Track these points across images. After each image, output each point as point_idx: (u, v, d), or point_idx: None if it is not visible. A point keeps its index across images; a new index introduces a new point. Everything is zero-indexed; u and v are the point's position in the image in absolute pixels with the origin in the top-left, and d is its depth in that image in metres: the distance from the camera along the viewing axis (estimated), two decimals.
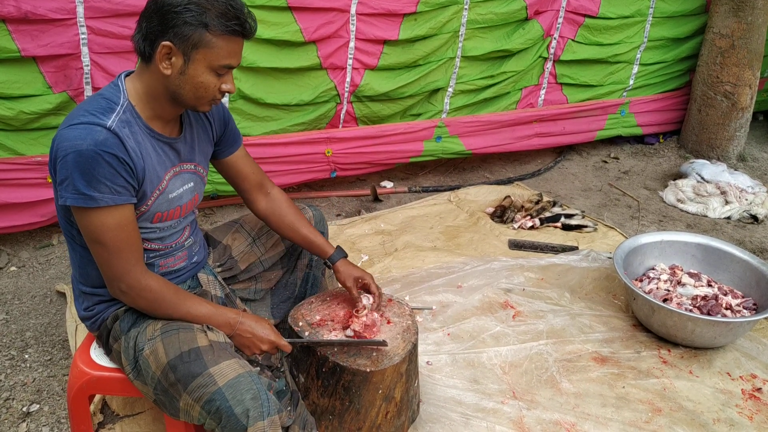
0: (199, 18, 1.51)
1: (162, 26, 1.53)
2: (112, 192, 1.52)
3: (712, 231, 3.59)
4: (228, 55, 1.58)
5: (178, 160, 1.74)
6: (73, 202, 1.50)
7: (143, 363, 1.63)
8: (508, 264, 2.98)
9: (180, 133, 1.75)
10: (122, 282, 1.59)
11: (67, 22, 2.79)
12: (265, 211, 2.02)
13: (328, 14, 3.35)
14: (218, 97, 1.65)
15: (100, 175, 1.49)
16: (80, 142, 1.48)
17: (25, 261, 3.00)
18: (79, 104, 1.61)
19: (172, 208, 1.73)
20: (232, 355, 1.61)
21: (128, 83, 1.63)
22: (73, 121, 1.52)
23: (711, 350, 2.49)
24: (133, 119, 1.59)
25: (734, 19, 4.21)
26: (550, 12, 3.98)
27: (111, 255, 1.56)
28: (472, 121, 3.95)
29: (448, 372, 2.31)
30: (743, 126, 4.49)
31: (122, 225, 1.56)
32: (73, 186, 1.49)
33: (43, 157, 2.90)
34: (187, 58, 1.55)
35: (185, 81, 1.58)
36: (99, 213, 1.52)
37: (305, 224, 2.03)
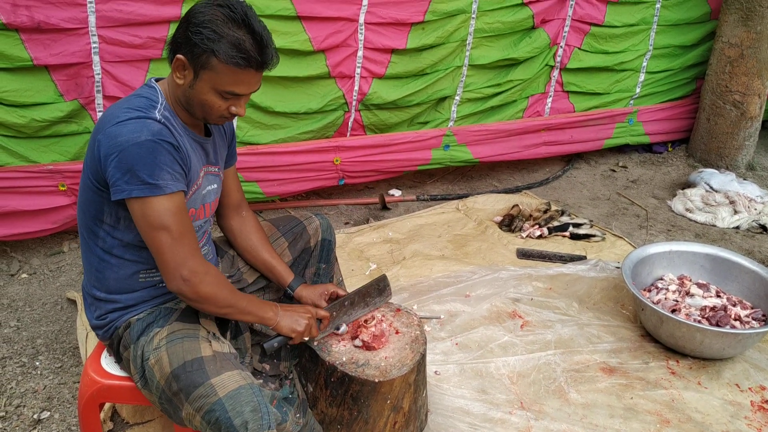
0: (208, 44, 1.55)
1: (183, 39, 1.59)
2: (174, 179, 1.57)
3: (721, 241, 3.58)
4: (233, 83, 1.60)
5: (207, 160, 1.80)
6: (139, 193, 1.52)
7: (149, 372, 1.65)
8: (516, 273, 2.98)
9: (209, 136, 1.81)
10: (185, 267, 1.58)
11: (79, 32, 2.83)
12: (232, 229, 2.03)
13: (337, 24, 3.37)
14: (227, 116, 1.69)
15: (162, 163, 1.54)
16: (137, 134, 1.52)
17: (36, 268, 3.02)
18: (115, 104, 1.64)
19: (200, 206, 1.78)
20: (235, 366, 1.62)
21: (161, 86, 1.70)
22: (120, 117, 1.56)
23: (720, 361, 2.48)
24: (171, 116, 1.66)
25: (743, 28, 4.21)
26: (556, 21, 3.99)
27: (175, 240, 1.57)
28: (479, 129, 3.96)
29: (456, 382, 2.31)
30: (752, 135, 4.48)
31: (182, 210, 1.59)
32: (137, 177, 1.52)
33: (55, 165, 2.93)
34: (196, 75, 1.60)
35: (193, 95, 1.64)
36: (162, 200, 1.55)
37: (268, 249, 2.02)
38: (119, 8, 2.85)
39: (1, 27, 2.67)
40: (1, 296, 2.81)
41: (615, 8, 4.13)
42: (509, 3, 3.77)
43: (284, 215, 2.20)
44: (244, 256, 2.04)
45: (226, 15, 1.57)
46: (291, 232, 2.12)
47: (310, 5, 3.24)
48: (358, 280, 2.94)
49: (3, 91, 2.77)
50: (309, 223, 2.14)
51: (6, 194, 2.88)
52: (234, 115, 1.69)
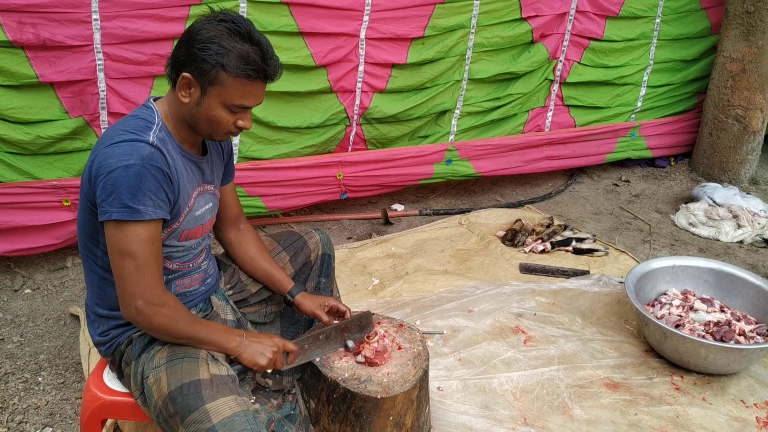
0: (217, 58, 1.57)
1: (187, 57, 1.60)
2: (155, 206, 1.57)
3: (725, 255, 3.58)
4: (242, 96, 1.63)
5: (203, 180, 1.80)
6: (118, 216, 1.53)
7: (148, 391, 1.65)
8: (519, 288, 2.97)
9: (204, 155, 1.81)
10: (141, 298, 1.57)
11: (84, 49, 2.85)
12: (231, 241, 2.04)
13: (339, 39, 3.40)
14: (234, 131, 1.70)
15: (146, 188, 1.54)
16: (126, 157, 1.53)
17: (39, 283, 3.03)
18: (113, 125, 1.65)
19: (196, 227, 1.78)
20: (232, 391, 1.60)
21: (159, 105, 1.70)
22: (114, 139, 1.56)
23: (724, 377, 2.47)
24: (167, 138, 1.66)
25: (745, 43, 4.22)
26: (555, 35, 4.01)
27: (137, 269, 1.57)
28: (482, 144, 3.97)
29: (459, 398, 2.30)
30: (755, 149, 4.49)
31: (153, 239, 1.59)
32: (118, 200, 1.52)
33: (59, 181, 2.94)
34: (204, 91, 1.61)
35: (200, 112, 1.64)
36: (137, 226, 1.55)
37: (268, 259, 2.03)
38: (124, 25, 2.87)
39: (7, 44, 2.69)
40: (5, 311, 2.81)
41: (614, 23, 4.15)
42: (508, 18, 3.79)
43: (285, 230, 2.21)
44: (243, 267, 2.04)
45: (231, 29, 1.59)
46: (292, 246, 2.13)
47: (312, 21, 3.27)
48: (361, 296, 2.94)
49: (8, 108, 2.79)
50: (309, 238, 2.15)
51: (10, 210, 2.89)
52: (240, 129, 1.70)
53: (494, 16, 3.75)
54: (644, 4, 4.17)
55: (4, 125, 2.81)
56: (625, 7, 4.11)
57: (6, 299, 2.90)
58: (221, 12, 1.63)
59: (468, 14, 3.67)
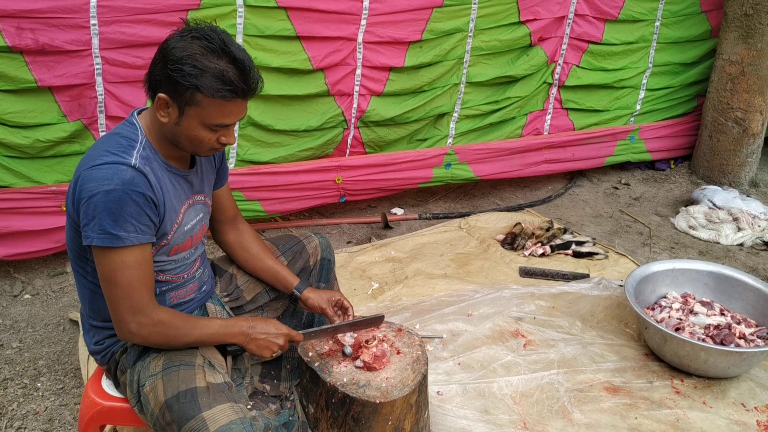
0: (191, 80, 1.51)
1: (162, 77, 1.54)
2: (137, 231, 1.54)
3: (725, 258, 3.57)
4: (221, 116, 1.58)
5: (192, 191, 1.78)
6: (99, 242, 1.51)
7: (144, 399, 1.64)
8: (519, 292, 2.97)
9: (192, 166, 1.78)
10: (133, 322, 1.58)
11: (83, 53, 2.85)
12: (232, 243, 2.03)
13: (336, 43, 3.40)
14: (218, 147, 1.67)
15: (127, 214, 1.51)
16: (107, 182, 1.50)
17: (39, 289, 3.02)
18: (96, 143, 1.63)
19: (185, 240, 1.76)
20: (229, 398, 1.60)
21: (143, 120, 1.66)
22: (96, 161, 1.53)
23: (725, 380, 2.46)
24: (152, 155, 1.62)
25: (744, 45, 4.22)
26: (554, 38, 4.01)
27: (125, 295, 1.56)
28: (481, 148, 3.97)
29: (459, 402, 2.29)
30: (755, 152, 4.48)
31: (140, 263, 1.57)
32: (99, 226, 1.50)
33: (58, 185, 2.94)
34: (181, 111, 1.57)
35: (180, 132, 1.61)
36: (121, 252, 1.53)
37: (270, 256, 2.03)
38: (122, 30, 2.87)
39: (6, 49, 2.70)
40: (4, 317, 2.81)
41: (613, 26, 4.15)
42: (506, 21, 3.79)
43: (283, 234, 2.20)
44: (246, 267, 2.03)
45: (204, 47, 1.53)
46: (291, 250, 2.12)
47: (310, 25, 3.27)
48: (360, 300, 2.93)
49: (7, 113, 2.79)
50: (308, 242, 2.14)
51: (9, 215, 2.89)
52: (224, 145, 1.67)
53: (492, 19, 3.75)
54: (643, 7, 4.17)
55: (3, 129, 2.81)
56: (625, 11, 4.11)
57: (5, 305, 2.89)
58: (195, 27, 1.56)
59: (466, 18, 3.67)
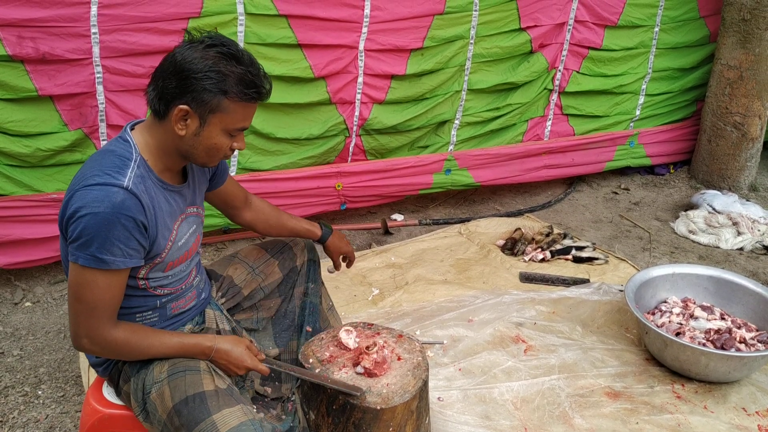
0: (218, 86, 1.54)
1: (180, 89, 1.54)
2: (124, 255, 1.53)
3: (725, 262, 3.57)
4: (243, 119, 1.62)
5: (185, 205, 1.77)
6: (84, 263, 1.50)
7: (150, 406, 1.64)
8: (519, 297, 2.97)
9: (185, 180, 1.79)
10: (86, 337, 1.58)
11: (83, 62, 2.86)
12: (251, 219, 2.14)
13: (337, 51, 3.41)
14: (229, 155, 1.69)
15: (115, 238, 1.50)
16: (97, 204, 1.48)
17: (39, 296, 3.03)
18: (90, 161, 1.60)
19: (180, 255, 1.76)
20: (237, 401, 1.61)
21: (137, 136, 1.64)
22: (89, 181, 1.51)
23: (726, 385, 2.46)
24: (146, 173, 1.61)
25: (742, 50, 4.24)
26: (554, 45, 4.03)
27: (86, 313, 1.55)
28: (480, 154, 3.98)
29: (460, 408, 2.29)
30: (754, 156, 4.49)
31: (111, 286, 1.56)
32: (86, 247, 1.49)
33: (59, 194, 2.94)
34: (203, 121, 1.58)
35: (199, 142, 1.61)
36: (97, 274, 1.52)
37: (288, 218, 2.20)
38: (123, 39, 2.89)
39: (7, 59, 2.71)
40: (5, 325, 2.81)
41: (613, 32, 4.16)
42: (507, 28, 3.80)
43: (272, 239, 2.23)
44: (271, 234, 2.20)
45: (221, 53, 1.55)
46: (279, 252, 2.16)
47: (311, 33, 3.28)
48: (361, 306, 2.94)
49: (8, 122, 2.80)
50: (294, 244, 2.19)
51: (10, 223, 2.90)
52: (233, 152, 1.69)
53: (493, 26, 3.76)
54: (643, 13, 4.18)
55: (4, 138, 2.82)
56: (624, 17, 4.13)
57: (6, 312, 2.90)
58: (205, 36, 1.58)
59: (467, 25, 3.68)
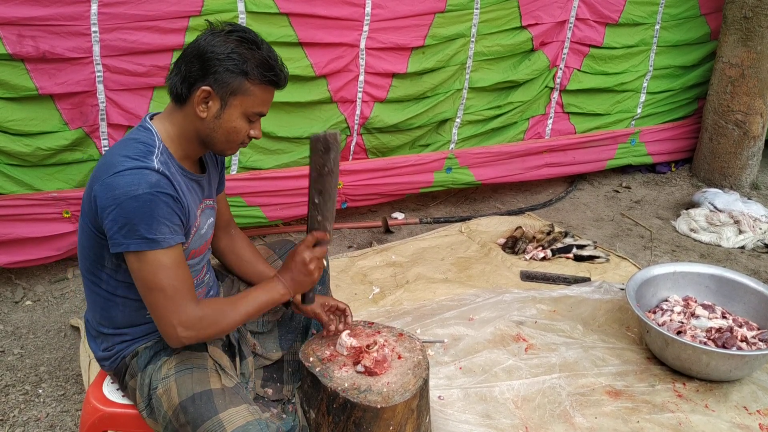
0: (240, 66, 1.57)
1: (203, 71, 1.58)
2: (171, 232, 1.55)
3: (726, 261, 3.56)
4: (262, 103, 1.64)
5: (203, 196, 1.79)
6: (137, 248, 1.50)
7: (156, 401, 1.64)
8: (520, 296, 2.97)
9: (203, 171, 1.81)
10: (180, 326, 1.55)
11: (84, 61, 2.86)
12: (224, 248, 2.05)
13: (338, 49, 3.40)
14: (246, 142, 1.71)
15: (161, 216, 1.51)
16: (135, 187, 1.49)
17: (40, 295, 3.03)
18: (112, 150, 1.61)
19: (201, 244, 1.78)
20: (244, 400, 1.61)
21: (157, 125, 1.66)
22: (117, 168, 1.52)
23: (727, 383, 2.45)
24: (169, 160, 1.63)
25: (743, 48, 4.23)
26: (555, 43, 4.02)
27: (169, 299, 1.54)
28: (481, 152, 3.98)
29: (460, 407, 2.29)
30: (756, 154, 4.48)
31: (178, 263, 1.57)
32: (135, 232, 1.49)
33: (59, 192, 2.94)
34: (224, 103, 1.61)
35: (219, 125, 1.63)
36: (159, 254, 1.53)
37: (262, 261, 2.06)
38: (123, 37, 2.88)
39: (7, 57, 2.71)
40: (6, 323, 2.81)
41: (614, 30, 4.16)
42: (508, 26, 3.80)
43: (280, 239, 2.23)
44: (238, 272, 2.06)
45: (243, 38, 1.60)
46: (286, 253, 2.15)
47: (312, 32, 3.28)
48: (361, 304, 2.94)
49: (8, 121, 2.80)
50: None
51: (11, 222, 2.90)
52: (251, 139, 1.70)
53: (494, 24, 3.76)
54: (643, 10, 4.18)
55: (4, 137, 2.82)
56: (625, 14, 4.12)
57: (6, 311, 2.90)
58: (225, 24, 1.63)
59: (468, 23, 3.68)
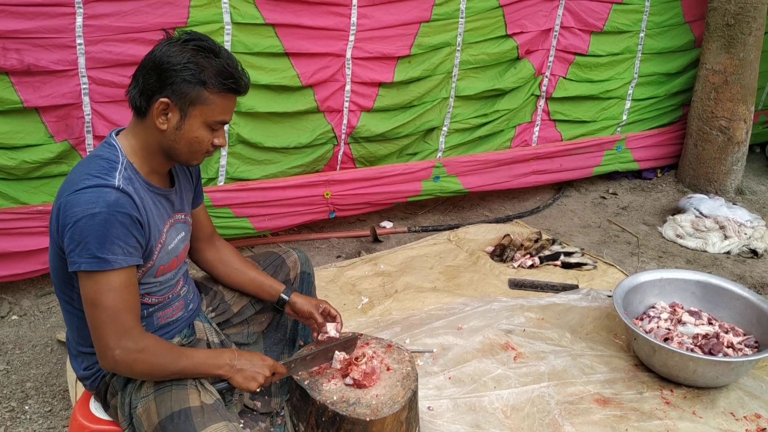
0: (197, 76, 1.56)
1: (160, 83, 1.57)
2: (124, 253, 1.53)
3: (712, 266, 3.59)
4: (223, 111, 1.63)
5: (173, 211, 1.78)
6: (87, 267, 1.49)
7: (137, 421, 1.63)
8: (509, 304, 2.98)
9: (172, 185, 1.79)
10: (118, 348, 1.53)
11: (69, 73, 2.84)
12: (211, 260, 2.04)
13: (325, 59, 3.41)
14: (211, 151, 1.70)
15: (114, 236, 1.50)
16: (92, 205, 1.48)
17: (26, 309, 3.00)
18: (76, 167, 1.62)
19: (170, 260, 1.76)
20: (223, 417, 1.60)
21: (122, 140, 1.65)
22: (78, 185, 1.51)
23: (714, 389, 2.47)
24: (134, 176, 1.62)
25: (726, 55, 4.28)
26: (540, 51, 4.05)
27: (111, 319, 1.53)
28: (469, 160, 3.99)
29: (450, 417, 2.29)
30: (740, 160, 4.53)
31: (127, 286, 1.55)
32: (86, 250, 1.48)
33: (45, 206, 2.92)
34: (184, 114, 1.60)
35: (180, 136, 1.62)
36: (107, 275, 1.51)
37: (252, 268, 2.06)
38: (108, 49, 2.87)
39: None
40: None
41: (599, 38, 4.19)
42: (493, 35, 3.82)
43: (264, 251, 2.23)
44: (229, 281, 2.04)
45: (199, 47, 1.59)
46: (271, 265, 2.15)
47: (298, 42, 3.28)
48: (350, 315, 2.93)
49: None
50: (288, 257, 2.18)
51: None
52: (216, 148, 1.69)
53: (480, 33, 3.78)
54: (628, 18, 4.22)
55: None
56: (609, 22, 4.16)
57: None
58: (183, 33, 1.62)
59: (453, 32, 3.70)
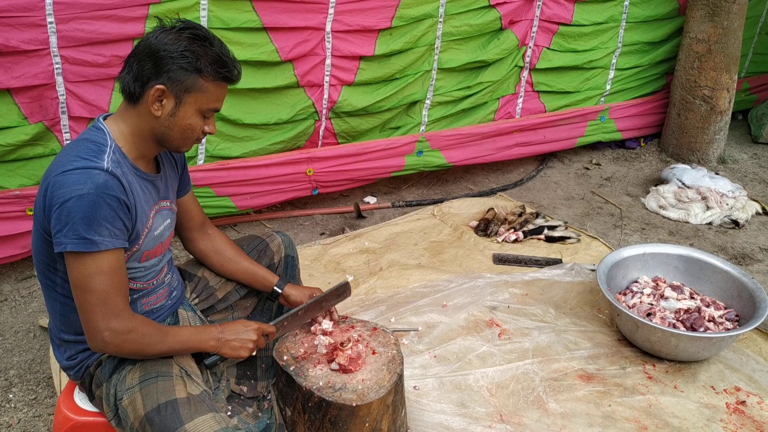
0: (194, 64, 1.58)
1: (156, 70, 1.58)
2: (111, 235, 1.53)
3: (694, 237, 3.62)
4: (216, 99, 1.65)
5: (158, 197, 1.77)
6: (73, 248, 1.49)
7: (122, 412, 1.63)
8: (493, 280, 2.98)
9: (158, 171, 1.78)
10: (107, 330, 1.54)
11: (41, 53, 2.76)
12: (204, 249, 2.05)
13: (304, 33, 3.34)
14: (201, 138, 1.71)
15: (101, 218, 1.50)
16: (80, 186, 1.48)
17: (6, 294, 2.96)
18: (65, 149, 1.61)
19: (155, 246, 1.76)
20: (210, 408, 1.60)
21: (110, 125, 1.65)
22: (67, 167, 1.51)
23: (695, 363, 2.51)
24: (122, 159, 1.62)
25: (710, 23, 4.25)
26: (524, 21, 4.00)
27: (100, 302, 1.53)
28: (452, 134, 3.96)
29: (436, 396, 2.31)
30: (722, 129, 4.54)
31: (115, 269, 1.55)
32: (73, 231, 1.48)
33: (21, 190, 2.87)
34: (179, 101, 1.61)
35: (174, 123, 1.63)
36: (95, 257, 1.51)
37: (245, 257, 2.07)
38: (81, 27, 2.79)
39: None
40: None
41: (583, 7, 4.14)
42: (476, 6, 3.76)
43: (247, 235, 2.23)
44: (222, 270, 2.05)
45: (194, 35, 1.60)
46: (255, 249, 2.15)
47: (276, 16, 3.21)
48: None
49: None
50: (271, 240, 2.18)
51: None
52: (205, 135, 1.71)
53: (462, 4, 3.71)
54: None
55: None
56: None
57: None
58: (177, 21, 1.63)
59: (435, 3, 3.63)
